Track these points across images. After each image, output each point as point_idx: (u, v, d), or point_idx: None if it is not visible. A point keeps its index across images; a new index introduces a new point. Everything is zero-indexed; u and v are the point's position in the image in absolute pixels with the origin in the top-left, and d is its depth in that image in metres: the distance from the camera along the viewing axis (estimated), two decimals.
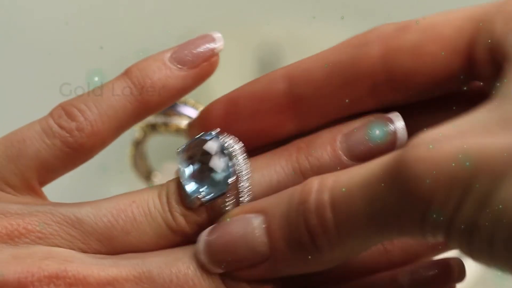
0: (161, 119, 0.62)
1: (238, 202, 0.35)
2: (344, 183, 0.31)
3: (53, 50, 0.70)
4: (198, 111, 0.60)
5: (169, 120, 0.61)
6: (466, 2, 0.35)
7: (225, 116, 0.37)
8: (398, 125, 0.35)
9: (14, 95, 0.71)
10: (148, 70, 0.37)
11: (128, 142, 0.65)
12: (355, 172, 0.31)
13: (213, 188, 0.35)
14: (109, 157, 0.38)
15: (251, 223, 0.33)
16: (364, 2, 0.70)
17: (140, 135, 0.64)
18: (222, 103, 0.37)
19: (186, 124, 0.39)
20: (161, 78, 0.37)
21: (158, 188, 0.36)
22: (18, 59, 0.71)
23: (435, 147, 0.28)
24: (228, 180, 0.35)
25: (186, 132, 0.39)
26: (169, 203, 0.35)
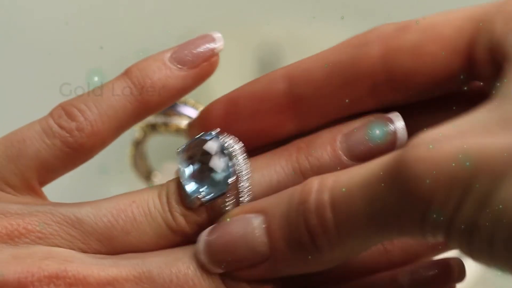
0: (161, 119, 0.62)
1: (238, 202, 0.35)
2: (344, 183, 0.31)
3: (53, 50, 0.70)
4: (198, 111, 0.60)
5: (169, 120, 0.61)
6: (466, 2, 0.35)
7: (225, 116, 0.37)
8: (398, 125, 0.35)
9: (14, 95, 0.71)
10: (148, 70, 0.37)
11: (128, 142, 0.65)
12: (355, 172, 0.31)
13: (213, 188, 0.35)
14: (109, 157, 0.38)
15: (251, 223, 0.33)
16: (364, 2, 0.70)
17: (140, 135, 0.64)
18: (222, 103, 0.37)
19: (186, 124, 0.39)
20: (161, 78, 0.37)
21: (158, 188, 0.36)
22: (18, 59, 0.71)
23: (435, 147, 0.28)
24: (228, 180, 0.35)
25: (186, 132, 0.39)
26: (169, 203, 0.35)
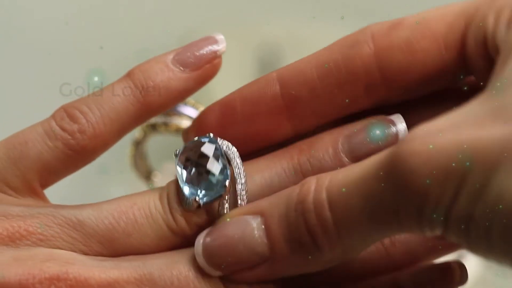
0: (161, 119, 0.61)
1: (235, 204, 0.35)
2: (341, 181, 0.31)
3: (53, 50, 0.70)
4: (197, 111, 0.59)
5: (169, 120, 0.61)
6: None
7: (220, 121, 0.37)
8: (400, 127, 0.35)
9: (14, 95, 0.71)
10: (150, 72, 0.37)
11: (128, 142, 0.65)
12: (351, 170, 0.31)
13: (210, 191, 0.35)
14: (109, 157, 0.38)
15: (249, 224, 0.33)
16: (364, 2, 0.70)
17: (140, 135, 0.64)
18: (217, 108, 0.37)
19: (182, 131, 0.39)
20: (163, 80, 0.37)
21: (159, 190, 0.36)
22: (18, 59, 0.71)
23: (429, 141, 0.28)
24: (225, 182, 0.35)
25: (182, 138, 0.39)
26: (170, 205, 0.35)
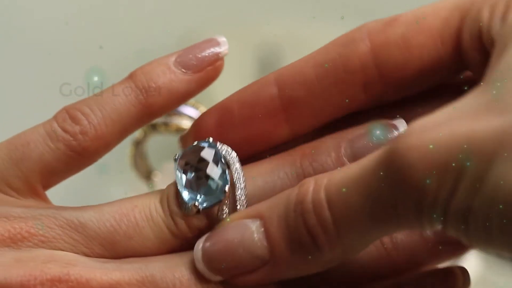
0: (161, 119, 0.62)
1: (235, 209, 0.35)
2: (339, 180, 0.31)
3: (53, 50, 0.70)
4: (198, 111, 0.60)
5: (169, 120, 0.61)
6: None
7: (218, 125, 0.37)
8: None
9: (14, 95, 0.71)
10: (152, 73, 0.37)
11: (128, 142, 0.65)
12: (349, 169, 0.31)
13: (209, 196, 0.35)
14: (109, 157, 0.38)
15: (248, 227, 0.33)
16: (364, 2, 0.70)
17: (140, 135, 0.64)
18: (214, 112, 0.37)
19: (179, 137, 0.39)
20: (165, 82, 0.37)
21: (160, 193, 0.36)
22: (18, 59, 0.71)
23: (425, 135, 0.28)
24: (225, 187, 0.35)
25: (179, 144, 0.39)
26: (170, 208, 0.35)
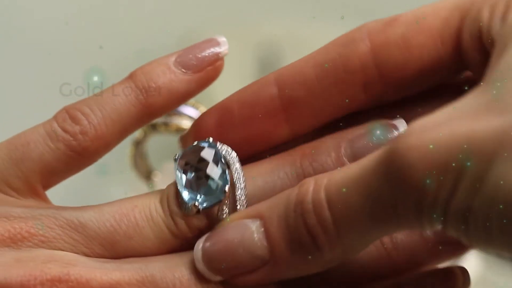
0: (161, 119, 0.61)
1: (235, 209, 0.35)
2: (339, 180, 0.31)
3: (53, 50, 0.70)
4: (198, 111, 0.59)
5: (169, 120, 0.61)
6: None
7: (218, 125, 0.37)
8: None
9: (14, 95, 0.71)
10: (152, 73, 0.37)
11: (128, 142, 0.65)
12: (349, 169, 0.31)
13: (209, 196, 0.35)
14: (109, 157, 0.38)
15: (248, 227, 0.33)
16: (364, 2, 0.70)
17: (140, 135, 0.64)
18: (214, 112, 0.37)
19: (179, 137, 0.39)
20: (165, 82, 0.37)
21: (160, 193, 0.36)
22: (18, 59, 0.71)
23: (425, 135, 0.28)
24: (225, 187, 0.35)
25: (179, 144, 0.39)
26: (170, 208, 0.35)
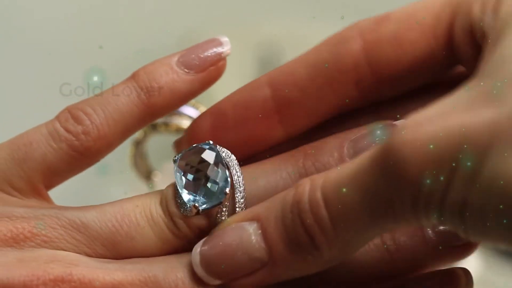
0: (162, 119, 0.61)
1: (234, 212, 0.35)
2: (335, 179, 0.31)
3: (53, 50, 0.70)
4: (198, 111, 0.59)
5: (169, 120, 0.61)
6: None
7: (212, 129, 0.37)
8: None
9: (14, 95, 0.70)
10: (155, 73, 0.37)
11: (128, 142, 0.65)
12: (345, 167, 0.31)
13: (210, 197, 0.35)
14: (109, 157, 0.38)
15: (246, 230, 0.33)
16: (364, 2, 0.70)
17: (140, 135, 0.64)
18: (208, 115, 0.37)
19: (173, 142, 0.39)
20: (168, 82, 0.37)
21: (160, 193, 0.36)
22: (18, 59, 0.71)
23: (419, 129, 0.28)
24: (226, 189, 0.35)
25: (174, 149, 0.39)
26: (170, 209, 0.35)
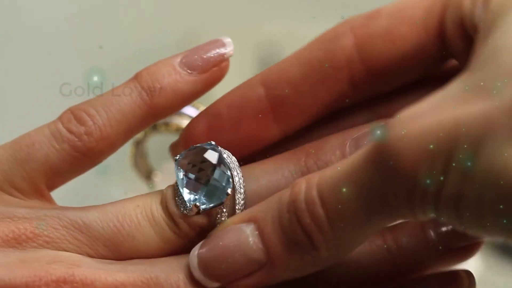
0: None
1: (234, 213, 0.35)
2: (330, 177, 0.31)
3: (53, 50, 0.70)
4: (198, 111, 0.59)
5: (169, 120, 0.61)
6: None
7: (208, 129, 0.37)
8: None
9: (14, 95, 0.71)
10: (158, 74, 0.37)
11: (128, 142, 0.64)
12: (339, 165, 0.31)
13: (211, 197, 0.35)
14: (110, 157, 0.38)
15: (243, 231, 0.33)
16: (364, 2, 0.70)
17: (140, 135, 0.64)
18: (204, 117, 0.37)
19: (169, 145, 0.39)
20: (170, 83, 0.37)
21: (161, 193, 0.36)
22: (18, 59, 0.71)
23: (413, 123, 0.28)
24: (227, 190, 0.35)
25: (170, 152, 0.39)
26: (170, 209, 0.35)
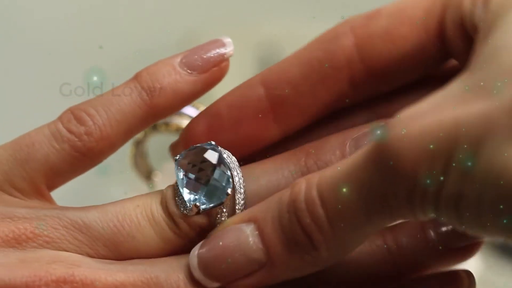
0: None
1: (234, 213, 0.35)
2: (330, 177, 0.31)
3: (53, 50, 0.70)
4: (198, 111, 0.59)
5: (169, 120, 0.61)
6: None
7: (208, 130, 0.37)
8: None
9: (14, 95, 0.71)
10: (158, 74, 0.37)
11: (128, 142, 0.65)
12: (339, 165, 0.31)
13: (211, 197, 0.35)
14: (110, 157, 0.38)
15: (243, 232, 0.33)
16: (364, 2, 0.70)
17: (140, 135, 0.64)
18: (203, 117, 0.37)
19: (169, 145, 0.39)
20: (170, 83, 0.37)
21: (161, 193, 0.36)
22: (18, 59, 0.71)
23: (413, 123, 0.28)
24: (228, 190, 0.35)
25: (170, 152, 0.39)
26: (169, 209, 0.35)
